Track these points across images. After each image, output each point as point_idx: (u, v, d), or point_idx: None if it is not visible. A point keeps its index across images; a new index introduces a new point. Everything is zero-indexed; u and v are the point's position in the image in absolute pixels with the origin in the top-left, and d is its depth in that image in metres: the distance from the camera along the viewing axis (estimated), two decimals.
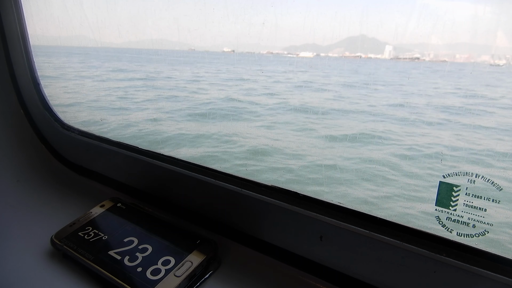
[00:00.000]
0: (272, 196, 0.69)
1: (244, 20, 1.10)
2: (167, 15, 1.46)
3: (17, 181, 0.98)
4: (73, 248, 0.72)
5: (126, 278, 0.64)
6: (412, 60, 4.23)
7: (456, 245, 0.52)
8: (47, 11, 1.12)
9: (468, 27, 1.03)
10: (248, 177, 0.74)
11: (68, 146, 1.06)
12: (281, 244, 0.70)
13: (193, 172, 0.80)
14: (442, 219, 0.55)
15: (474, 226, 0.52)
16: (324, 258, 0.65)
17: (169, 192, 0.87)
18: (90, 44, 4.70)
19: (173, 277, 0.63)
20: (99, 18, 1.35)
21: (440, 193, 0.54)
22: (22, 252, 0.75)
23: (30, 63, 1.03)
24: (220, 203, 0.77)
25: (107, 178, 0.99)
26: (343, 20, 1.03)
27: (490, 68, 3.63)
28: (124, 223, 0.79)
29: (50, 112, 1.05)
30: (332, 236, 0.63)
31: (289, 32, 3.35)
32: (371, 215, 0.60)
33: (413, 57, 4.26)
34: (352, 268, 0.62)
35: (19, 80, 1.06)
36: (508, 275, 0.48)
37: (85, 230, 0.77)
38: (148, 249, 0.71)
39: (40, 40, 1.07)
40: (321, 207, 0.65)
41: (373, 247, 0.58)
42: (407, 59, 4.31)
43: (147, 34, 3.27)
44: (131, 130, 4.12)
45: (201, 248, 0.71)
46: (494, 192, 0.50)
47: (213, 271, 0.68)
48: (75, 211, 0.87)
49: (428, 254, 0.53)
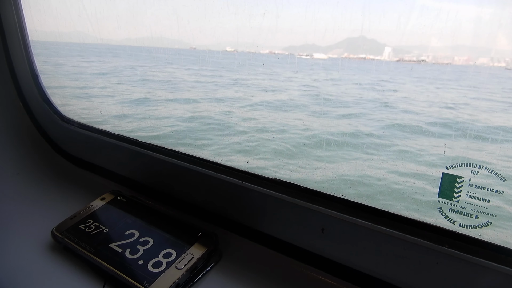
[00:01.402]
0: (273, 189, 0.69)
1: (247, 24, 1.09)
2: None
3: (17, 174, 0.98)
4: (74, 241, 0.71)
5: (127, 271, 0.64)
6: (418, 63, 4.16)
7: (459, 236, 0.52)
8: (45, 3, 1.11)
9: (470, 29, 1.02)
10: (249, 170, 0.74)
11: (68, 139, 1.05)
12: (282, 236, 0.70)
13: (193, 165, 0.79)
14: (444, 210, 0.54)
15: (477, 217, 0.52)
16: (325, 250, 0.65)
17: (170, 185, 0.87)
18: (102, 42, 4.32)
19: (175, 270, 0.63)
20: (105, 14, 1.33)
21: (443, 184, 0.54)
22: (23, 244, 0.75)
23: (29, 55, 1.02)
24: (221, 196, 0.77)
25: (107, 171, 0.98)
26: (343, 21, 1.01)
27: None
28: (125, 216, 0.79)
29: (50, 105, 1.04)
30: (334, 228, 0.63)
31: (288, 32, 3.27)
32: (373, 207, 0.60)
33: (419, 59, 4.18)
34: (354, 260, 0.62)
35: (18, 73, 1.05)
36: (511, 265, 0.48)
37: (86, 223, 0.77)
38: (149, 242, 0.71)
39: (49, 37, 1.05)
40: (323, 200, 0.65)
41: (375, 239, 0.58)
42: (413, 61, 4.22)
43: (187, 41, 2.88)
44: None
45: (202, 241, 0.71)
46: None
47: (214, 263, 0.68)
48: (75, 204, 0.87)
49: (430, 246, 0.53)
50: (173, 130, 4.00)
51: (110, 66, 8.10)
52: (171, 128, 4.04)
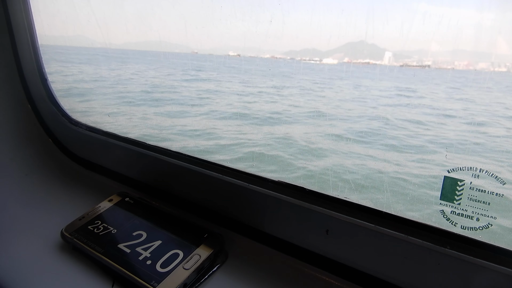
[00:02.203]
0: (278, 191, 0.70)
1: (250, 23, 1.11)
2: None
3: (26, 175, 0.99)
4: (83, 241, 0.73)
5: (135, 271, 0.65)
6: (423, 68, 4.10)
7: (460, 237, 0.54)
8: (54, 7, 1.13)
9: (471, 34, 1.02)
10: (255, 173, 0.75)
11: (76, 141, 1.07)
12: (287, 237, 0.72)
13: (200, 167, 0.81)
14: (446, 213, 0.56)
15: (478, 219, 0.53)
16: (330, 251, 0.66)
17: (176, 186, 0.88)
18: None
19: (182, 270, 0.65)
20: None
21: (445, 187, 0.55)
22: (32, 245, 0.77)
23: (38, 58, 1.04)
24: (227, 197, 0.78)
25: (114, 172, 1.00)
26: (343, 26, 1.03)
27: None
28: (132, 217, 0.81)
29: (58, 107, 1.06)
30: (338, 230, 0.64)
31: (291, 37, 3.27)
32: (376, 209, 0.62)
33: (424, 64, 4.11)
34: (357, 260, 0.64)
35: (26, 75, 1.07)
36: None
37: (94, 224, 0.78)
38: (156, 242, 0.72)
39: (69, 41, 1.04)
40: (327, 201, 0.66)
41: (378, 240, 0.60)
42: (417, 67, 4.12)
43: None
44: None
45: (209, 241, 0.72)
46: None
47: (220, 264, 0.70)
48: (83, 205, 0.89)
49: (432, 247, 0.54)
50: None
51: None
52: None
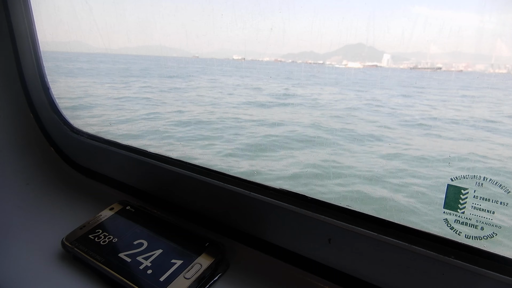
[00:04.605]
0: (280, 199, 0.70)
1: (251, 26, 1.12)
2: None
3: (27, 184, 0.99)
4: (84, 251, 0.72)
5: (136, 280, 0.64)
6: (434, 71, 4.00)
7: (465, 247, 0.53)
8: (56, 16, 1.14)
9: (469, 36, 1.02)
10: (257, 181, 0.75)
11: (77, 150, 1.07)
12: (289, 246, 0.71)
13: (201, 175, 0.81)
14: (450, 221, 0.55)
15: (483, 228, 0.52)
16: (332, 261, 0.66)
17: (177, 195, 0.88)
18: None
19: (183, 279, 0.64)
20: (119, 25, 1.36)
21: (448, 196, 0.55)
22: (33, 254, 0.76)
23: (40, 66, 1.04)
24: (228, 206, 0.78)
25: (116, 181, 1.00)
26: (342, 29, 1.04)
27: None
28: (133, 226, 0.80)
29: (59, 115, 1.06)
30: (340, 239, 0.63)
31: (292, 39, 3.28)
32: (379, 218, 0.61)
33: (436, 67, 4.01)
34: (360, 270, 0.63)
35: (28, 84, 1.07)
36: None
37: (95, 233, 0.78)
38: (157, 251, 0.72)
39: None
40: (329, 210, 0.66)
41: (381, 249, 0.59)
42: (428, 69, 4.00)
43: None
44: None
45: (210, 250, 0.71)
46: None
47: (221, 273, 0.69)
48: (84, 213, 0.88)
49: (436, 257, 0.54)
50: None
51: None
52: None
